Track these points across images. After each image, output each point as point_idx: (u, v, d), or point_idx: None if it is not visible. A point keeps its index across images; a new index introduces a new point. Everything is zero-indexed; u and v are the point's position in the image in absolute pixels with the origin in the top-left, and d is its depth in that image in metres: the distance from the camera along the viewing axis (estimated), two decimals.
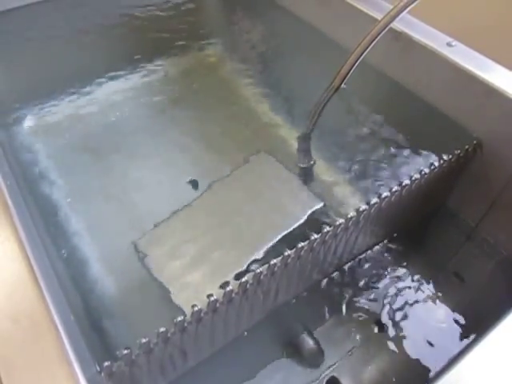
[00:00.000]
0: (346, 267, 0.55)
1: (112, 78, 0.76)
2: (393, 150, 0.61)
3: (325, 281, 0.54)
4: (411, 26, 0.58)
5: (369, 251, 0.57)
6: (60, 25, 0.71)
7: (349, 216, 0.44)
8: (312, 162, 0.64)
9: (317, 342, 0.49)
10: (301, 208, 0.56)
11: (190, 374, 0.45)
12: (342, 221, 0.44)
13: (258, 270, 0.40)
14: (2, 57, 0.68)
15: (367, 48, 0.52)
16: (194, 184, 0.63)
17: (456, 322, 0.52)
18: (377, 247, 0.58)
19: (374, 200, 0.45)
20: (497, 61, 0.54)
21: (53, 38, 0.71)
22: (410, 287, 0.55)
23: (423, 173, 0.48)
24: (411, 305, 0.53)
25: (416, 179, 0.48)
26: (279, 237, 0.53)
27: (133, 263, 0.53)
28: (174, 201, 0.60)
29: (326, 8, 0.67)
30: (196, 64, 0.83)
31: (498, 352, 0.33)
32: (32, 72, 0.71)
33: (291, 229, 0.52)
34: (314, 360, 0.49)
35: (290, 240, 0.51)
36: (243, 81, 0.79)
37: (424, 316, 0.52)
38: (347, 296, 0.53)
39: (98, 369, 0.33)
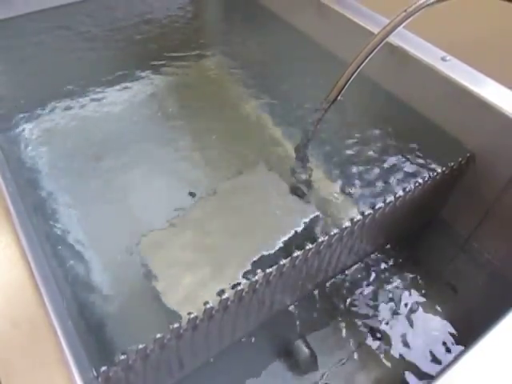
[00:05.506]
0: (340, 276, 0.56)
1: (113, 87, 0.77)
2: (387, 161, 0.62)
3: (319, 289, 0.54)
4: (407, 40, 0.59)
5: (363, 261, 0.58)
6: (64, 32, 0.72)
7: (343, 226, 0.45)
8: (308, 173, 0.64)
9: (311, 350, 0.50)
10: (296, 218, 0.56)
11: (186, 380, 0.45)
12: (336, 231, 0.44)
13: (254, 279, 0.40)
14: (6, 61, 0.69)
15: (364, 61, 0.53)
16: (192, 192, 0.63)
17: (449, 331, 0.53)
18: (371, 257, 0.58)
19: (369, 211, 0.46)
20: (489, 75, 0.55)
21: (56, 44, 0.72)
22: (403, 297, 0.55)
23: (417, 184, 0.49)
24: (404, 314, 0.54)
25: (410, 190, 0.48)
26: (274, 246, 0.54)
27: (131, 268, 0.54)
28: (172, 208, 0.60)
29: (325, 21, 0.69)
30: (196, 74, 0.83)
31: (486, 361, 0.33)
32: (35, 77, 0.72)
33: (286, 238, 0.53)
34: (308, 367, 0.49)
35: (285, 249, 0.52)
36: (242, 91, 0.80)
37: (417, 325, 0.53)
38: (341, 304, 0.54)
39: (95, 373, 0.33)
